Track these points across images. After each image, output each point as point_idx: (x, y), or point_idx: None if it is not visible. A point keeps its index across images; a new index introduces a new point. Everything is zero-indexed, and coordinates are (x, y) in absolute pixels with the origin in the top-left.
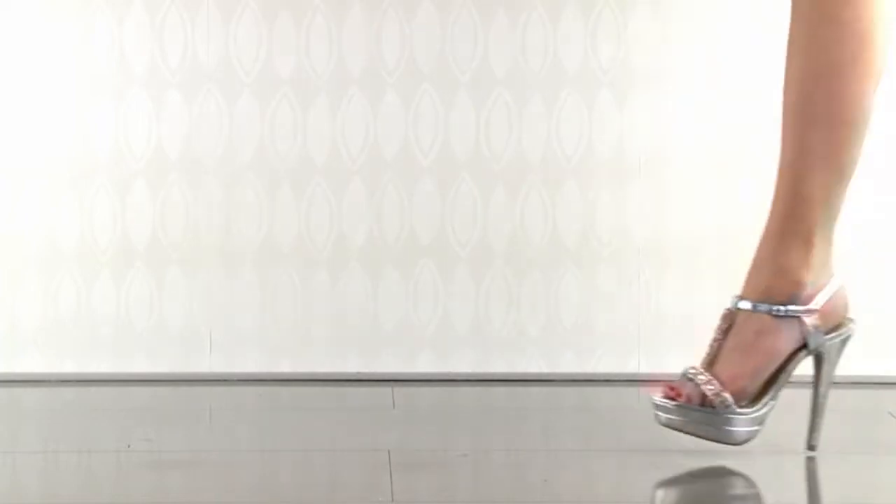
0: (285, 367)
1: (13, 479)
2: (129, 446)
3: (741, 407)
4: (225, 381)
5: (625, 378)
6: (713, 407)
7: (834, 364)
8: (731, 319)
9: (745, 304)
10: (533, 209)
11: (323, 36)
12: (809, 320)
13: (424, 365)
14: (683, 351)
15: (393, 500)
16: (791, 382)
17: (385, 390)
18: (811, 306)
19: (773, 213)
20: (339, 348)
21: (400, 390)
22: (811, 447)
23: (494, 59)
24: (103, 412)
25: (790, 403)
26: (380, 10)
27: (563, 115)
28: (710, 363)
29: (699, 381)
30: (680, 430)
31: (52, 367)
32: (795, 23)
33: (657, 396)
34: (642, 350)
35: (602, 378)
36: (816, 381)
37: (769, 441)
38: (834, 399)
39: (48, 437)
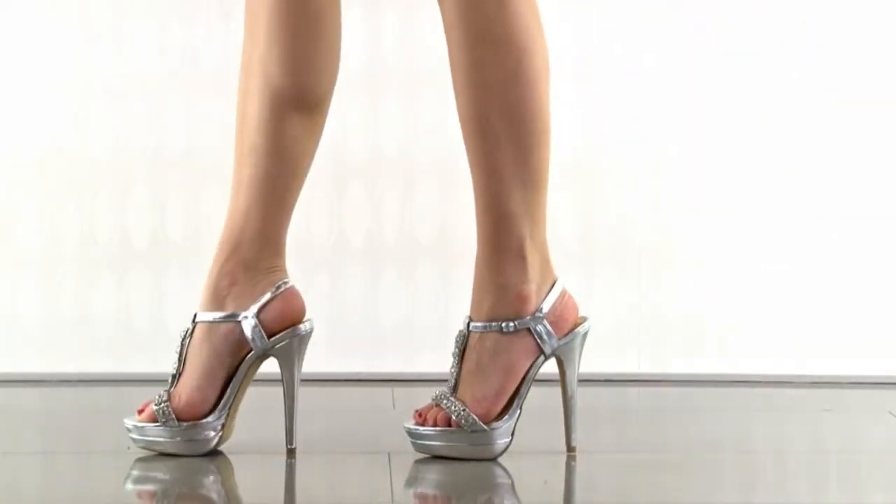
0: None
1: (13, 479)
2: (129, 448)
3: (490, 423)
4: None
5: (625, 378)
6: (460, 427)
7: (576, 365)
8: (464, 342)
9: (476, 326)
10: None
11: None
12: (540, 329)
13: (424, 365)
14: (683, 351)
15: (393, 500)
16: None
17: (385, 390)
18: (538, 315)
19: (480, 235)
20: (339, 348)
21: (400, 390)
22: (570, 448)
23: None
24: (103, 412)
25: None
26: (380, 10)
27: (561, 117)
28: (455, 386)
29: (445, 406)
30: (437, 454)
31: (52, 367)
32: (452, 48)
33: (407, 424)
34: (642, 350)
35: (602, 378)
36: (563, 384)
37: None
38: (834, 399)
39: (48, 437)
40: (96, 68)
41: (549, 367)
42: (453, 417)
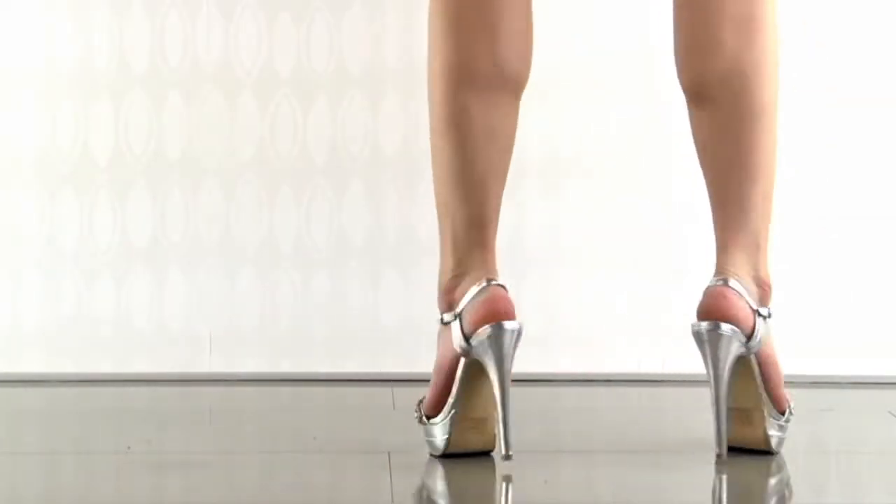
0: (285, 367)
1: (13, 480)
2: (129, 448)
3: (430, 418)
4: (225, 381)
5: (625, 378)
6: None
7: (493, 369)
8: None
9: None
10: (531, 210)
11: (323, 36)
12: (455, 327)
13: (424, 365)
14: (681, 351)
15: (393, 500)
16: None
17: (385, 390)
18: (455, 312)
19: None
20: (339, 348)
21: (400, 390)
22: (506, 456)
23: None
24: (103, 412)
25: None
26: (380, 10)
27: (563, 115)
28: None
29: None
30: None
31: (52, 367)
32: None
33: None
34: (642, 350)
35: (602, 378)
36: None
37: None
38: (834, 399)
39: (48, 438)
40: (96, 68)
41: (551, 367)
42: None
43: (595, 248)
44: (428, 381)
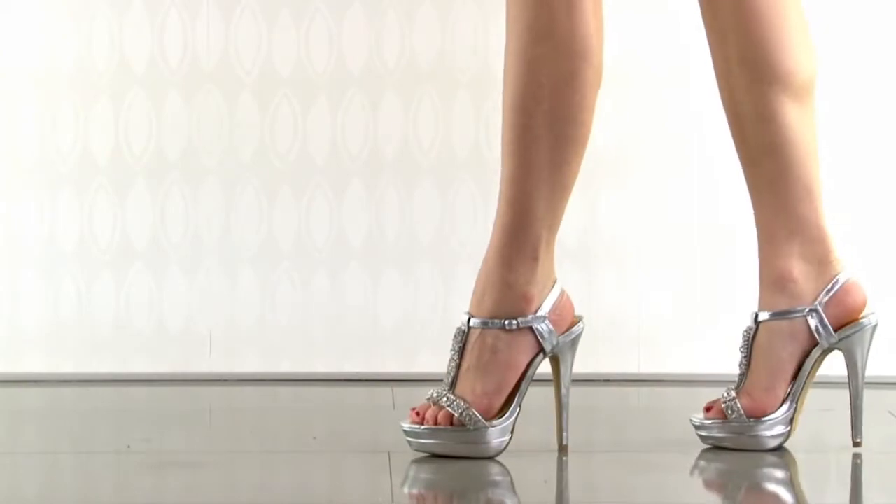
0: (285, 367)
1: (13, 480)
2: (128, 447)
3: (490, 420)
4: (225, 381)
5: (625, 378)
6: (463, 425)
7: (570, 363)
8: (464, 339)
9: (476, 322)
10: None
11: (323, 36)
12: (542, 328)
13: (424, 365)
14: (682, 351)
15: (393, 500)
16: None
17: (385, 390)
18: (540, 315)
19: (497, 228)
20: (339, 348)
21: (400, 390)
22: (562, 447)
23: (494, 59)
24: (103, 412)
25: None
26: (380, 10)
27: None
28: (452, 384)
29: (444, 404)
30: (435, 453)
31: (52, 367)
32: (510, 42)
33: (405, 424)
34: (642, 350)
35: (602, 378)
36: (558, 382)
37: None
38: (834, 399)
39: (48, 437)
40: (96, 68)
41: (548, 367)
42: (456, 415)
43: (595, 249)
44: (428, 381)
